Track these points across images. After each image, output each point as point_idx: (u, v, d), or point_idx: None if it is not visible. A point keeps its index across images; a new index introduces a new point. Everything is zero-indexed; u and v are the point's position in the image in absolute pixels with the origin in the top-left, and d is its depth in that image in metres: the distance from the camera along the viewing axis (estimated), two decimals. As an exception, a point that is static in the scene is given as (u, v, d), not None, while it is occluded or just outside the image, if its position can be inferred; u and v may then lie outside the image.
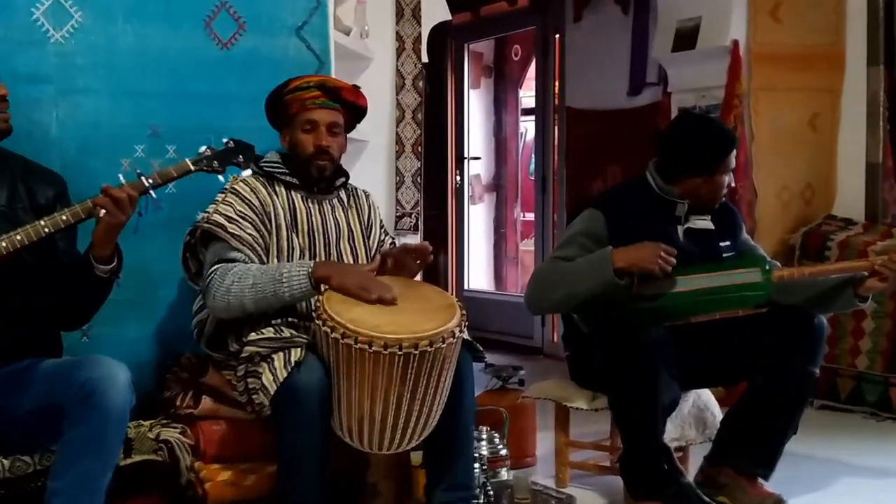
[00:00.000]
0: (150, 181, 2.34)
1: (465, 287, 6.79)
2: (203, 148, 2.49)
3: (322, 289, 2.50)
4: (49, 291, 2.38)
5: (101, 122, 2.89)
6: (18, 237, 2.21)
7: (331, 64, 3.28)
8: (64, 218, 2.25)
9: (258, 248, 2.67)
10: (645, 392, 2.73)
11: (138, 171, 2.32)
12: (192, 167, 2.42)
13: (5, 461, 2.30)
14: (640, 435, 2.79)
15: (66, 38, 2.83)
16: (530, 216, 6.88)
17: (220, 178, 2.53)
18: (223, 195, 2.72)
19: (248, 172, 2.54)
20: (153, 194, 2.36)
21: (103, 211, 2.26)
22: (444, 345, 2.39)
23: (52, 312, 2.43)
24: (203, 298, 2.66)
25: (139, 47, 2.94)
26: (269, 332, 2.55)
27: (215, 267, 2.60)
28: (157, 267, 2.88)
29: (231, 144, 2.50)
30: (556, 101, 6.06)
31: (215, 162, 2.46)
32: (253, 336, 2.54)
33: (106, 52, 2.89)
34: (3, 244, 2.20)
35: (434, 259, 2.76)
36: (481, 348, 2.74)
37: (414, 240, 4.04)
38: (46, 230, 2.23)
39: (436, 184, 6.62)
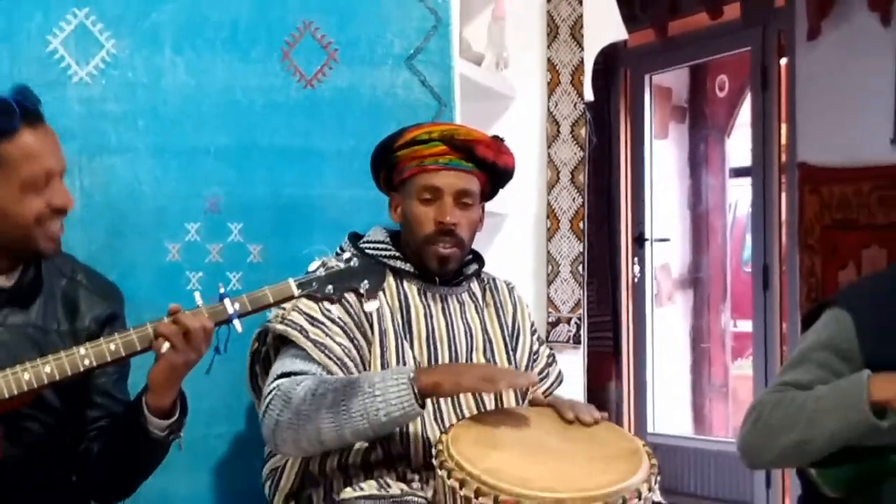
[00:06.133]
0: (237, 306, 2.38)
1: (650, 429, 6.73)
2: (315, 264, 2.52)
3: (446, 421, 2.56)
4: (76, 450, 2.50)
5: (141, 193, 3.07)
6: (48, 369, 2.24)
7: (454, 105, 3.42)
8: (112, 348, 2.28)
9: (351, 364, 2.75)
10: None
11: (222, 290, 2.40)
12: (297, 291, 2.44)
13: None
14: None
15: (93, 77, 3.04)
16: (746, 325, 6.82)
17: (330, 306, 2.62)
18: (306, 287, 2.82)
19: (374, 305, 2.60)
20: (238, 325, 2.40)
21: (167, 345, 2.32)
22: (627, 509, 2.39)
23: (81, 480, 2.54)
24: (263, 430, 2.73)
25: (194, 87, 3.13)
26: (370, 486, 2.60)
27: (278, 382, 2.67)
28: (215, 392, 2.96)
29: (354, 264, 2.52)
30: (783, 156, 6.04)
31: (329, 287, 2.47)
32: (349, 493, 2.59)
33: (148, 95, 3.09)
34: (26, 376, 2.24)
35: (601, 388, 2.78)
36: (681, 515, 2.73)
37: (575, 358, 4.08)
38: (87, 362, 2.27)
39: (603, 277, 6.67)
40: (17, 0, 2.98)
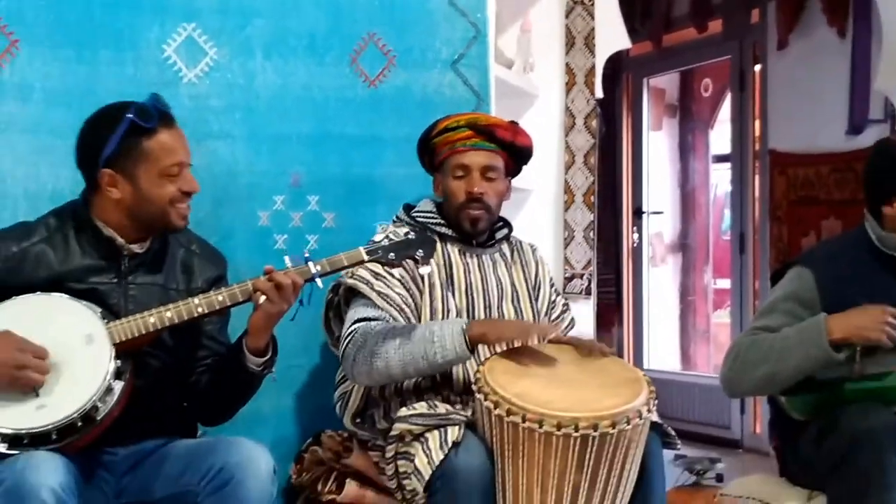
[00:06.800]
0: (318, 268, 2.44)
1: (645, 366, 6.68)
2: (379, 234, 2.61)
3: (482, 358, 2.57)
4: (187, 382, 2.55)
5: (237, 171, 3.08)
6: (168, 314, 2.34)
7: (490, 101, 3.42)
8: (220, 299, 2.37)
9: (407, 310, 2.77)
10: (879, 492, 2.62)
11: (307, 254, 2.47)
12: (366, 257, 2.50)
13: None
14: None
15: (199, 78, 3.04)
16: (725, 283, 6.77)
17: (395, 271, 2.70)
18: (370, 247, 2.83)
19: (426, 269, 2.63)
20: (319, 283, 2.46)
21: (263, 297, 2.38)
22: (629, 426, 2.39)
23: (191, 406, 2.59)
24: (341, 363, 2.76)
25: (279, 86, 3.13)
26: (421, 407, 2.61)
27: (355, 326, 2.70)
28: (296, 332, 2.95)
29: (412, 236, 2.58)
30: (757, 145, 5.98)
31: (391, 254, 2.53)
32: (404, 412, 2.60)
33: (243, 93, 3.09)
34: (152, 319, 2.33)
35: (607, 331, 2.78)
36: (673, 432, 2.72)
37: (586, 307, 4.07)
38: (200, 310, 2.36)
39: (609, 241, 6.64)
40: (138, 16, 2.97)
